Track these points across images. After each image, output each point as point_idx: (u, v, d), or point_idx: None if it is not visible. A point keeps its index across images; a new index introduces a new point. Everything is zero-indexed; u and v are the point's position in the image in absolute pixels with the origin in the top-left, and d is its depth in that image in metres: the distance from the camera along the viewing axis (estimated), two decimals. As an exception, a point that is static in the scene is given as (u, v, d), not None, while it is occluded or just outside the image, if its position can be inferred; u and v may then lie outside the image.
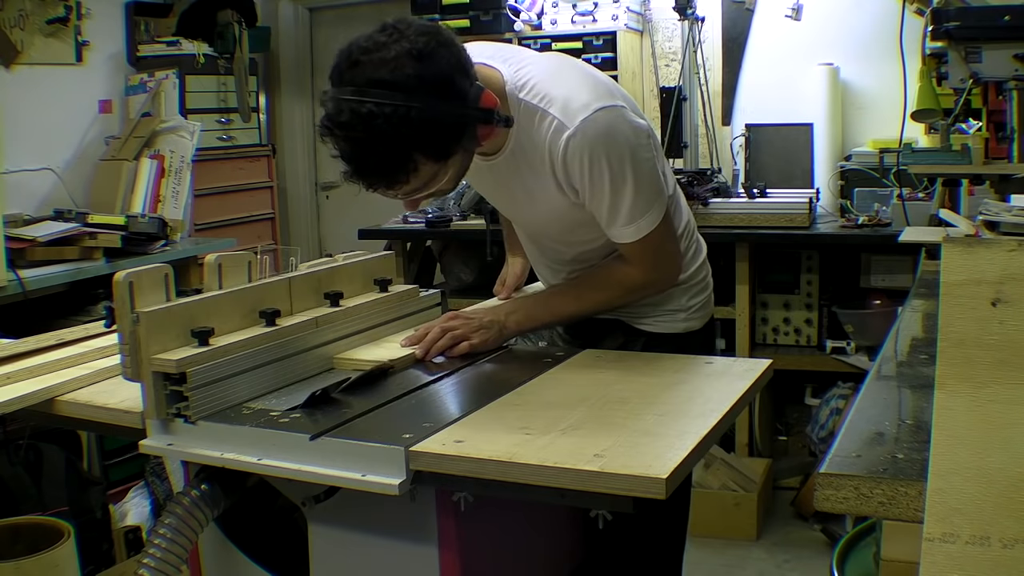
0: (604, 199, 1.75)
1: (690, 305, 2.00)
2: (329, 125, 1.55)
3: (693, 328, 2.01)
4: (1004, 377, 1.01)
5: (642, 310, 1.99)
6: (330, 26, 5.62)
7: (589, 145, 1.69)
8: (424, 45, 1.55)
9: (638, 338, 2.00)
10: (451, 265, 4.27)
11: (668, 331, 1.99)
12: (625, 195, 1.74)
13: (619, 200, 1.74)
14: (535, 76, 1.75)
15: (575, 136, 1.68)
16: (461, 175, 1.72)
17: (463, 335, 1.85)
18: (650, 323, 1.99)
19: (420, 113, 1.52)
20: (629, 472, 1.25)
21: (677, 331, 1.99)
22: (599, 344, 1.99)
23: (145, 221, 3.74)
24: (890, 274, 3.69)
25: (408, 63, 1.53)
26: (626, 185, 1.73)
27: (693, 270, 2.01)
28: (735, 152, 4.21)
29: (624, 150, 1.72)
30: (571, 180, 1.75)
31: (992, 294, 1.03)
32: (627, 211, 1.76)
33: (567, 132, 1.69)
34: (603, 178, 1.72)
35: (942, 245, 1.10)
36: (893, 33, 3.00)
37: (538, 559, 1.76)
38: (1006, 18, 2.39)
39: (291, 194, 5.66)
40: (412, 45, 1.55)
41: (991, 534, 0.96)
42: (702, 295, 2.03)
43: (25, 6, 4.06)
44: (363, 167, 1.58)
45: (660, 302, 1.98)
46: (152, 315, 1.52)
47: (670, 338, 1.99)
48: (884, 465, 1.11)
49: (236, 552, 1.69)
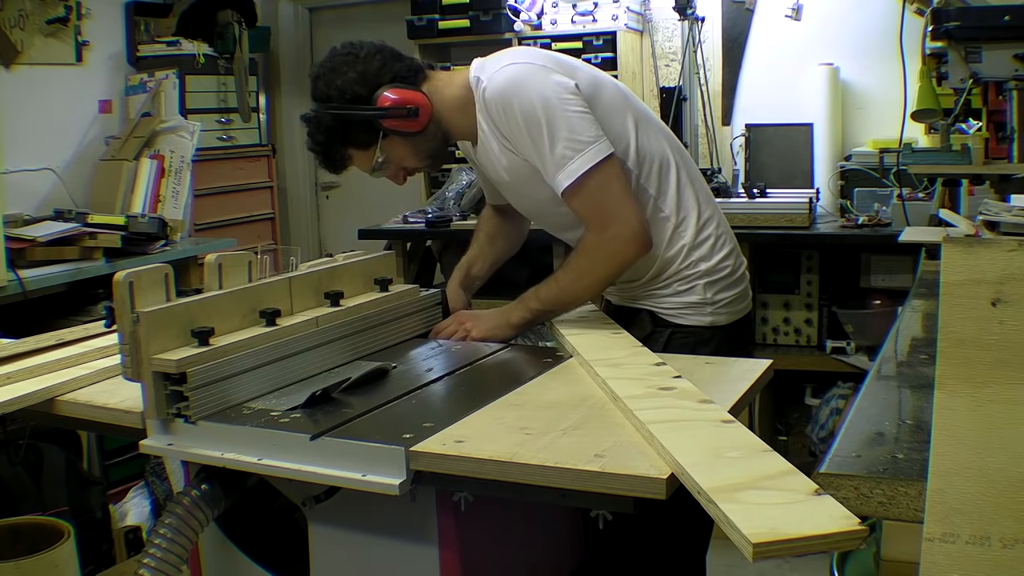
0: (528, 146, 1.88)
1: (716, 300, 2.02)
2: None
3: (719, 323, 2.03)
4: (1004, 377, 1.01)
5: (665, 300, 2.02)
6: (330, 26, 5.62)
7: (499, 93, 1.88)
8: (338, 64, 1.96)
9: (664, 328, 2.03)
10: (451, 265, 4.25)
11: (694, 324, 2.02)
12: (544, 140, 1.85)
13: (541, 146, 1.86)
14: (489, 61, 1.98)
15: (488, 87, 1.91)
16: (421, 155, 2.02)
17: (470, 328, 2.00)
18: (676, 314, 2.03)
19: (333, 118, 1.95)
20: (629, 472, 1.25)
21: (703, 324, 2.02)
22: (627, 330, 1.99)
23: (145, 221, 3.74)
24: (890, 274, 3.68)
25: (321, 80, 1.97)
26: (542, 129, 1.84)
27: (718, 260, 2.03)
28: (735, 152, 4.21)
29: (533, 96, 1.85)
30: (503, 132, 1.91)
31: (992, 294, 1.03)
32: (553, 158, 1.85)
33: (482, 86, 1.92)
34: (519, 123, 1.86)
35: (942, 245, 1.10)
36: (893, 33, 3.00)
37: (538, 559, 1.75)
38: (1006, 18, 2.39)
39: (291, 194, 5.67)
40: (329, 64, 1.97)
41: (991, 534, 0.96)
42: (731, 291, 2.05)
43: (25, 6, 4.06)
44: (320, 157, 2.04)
45: (681, 292, 2.01)
46: (152, 315, 1.52)
47: (696, 331, 2.02)
48: (884, 465, 1.11)
49: (236, 552, 1.69)
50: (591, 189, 1.85)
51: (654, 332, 2.03)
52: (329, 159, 2.02)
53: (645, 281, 2.05)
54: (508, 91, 1.87)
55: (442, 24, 4.56)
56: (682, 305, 2.02)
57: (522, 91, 1.86)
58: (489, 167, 2.04)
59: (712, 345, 2.00)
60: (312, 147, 2.02)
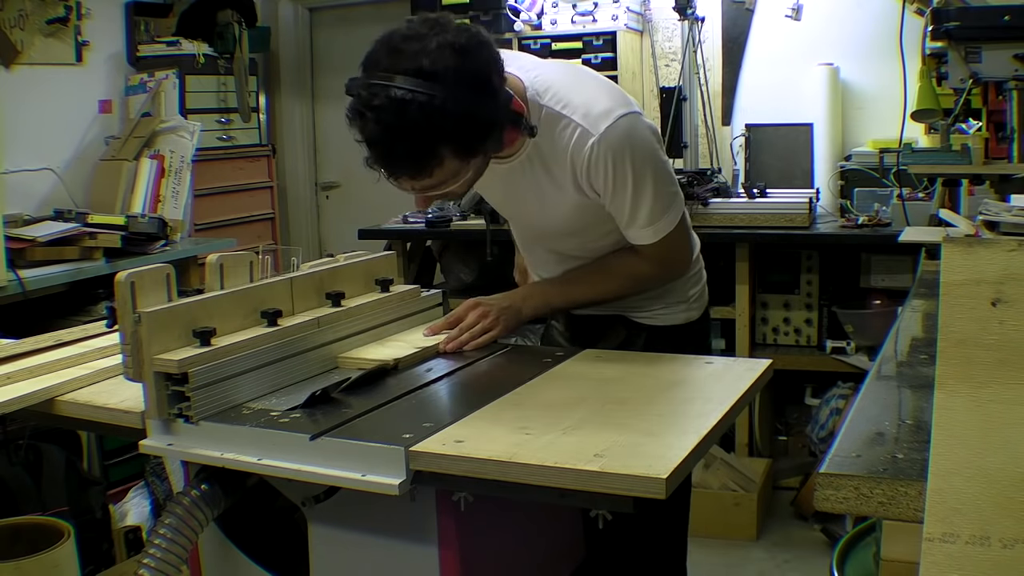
0: (626, 202, 1.80)
1: (690, 295, 2.05)
2: (360, 108, 1.54)
3: (692, 318, 2.05)
4: (1004, 377, 1.01)
5: (645, 303, 2.02)
6: (330, 26, 5.62)
7: (613, 151, 1.73)
8: (466, 41, 1.57)
9: (640, 332, 2.03)
10: (451, 265, 4.27)
11: (669, 323, 2.03)
12: (645, 198, 1.79)
13: (640, 203, 1.80)
14: (554, 83, 1.78)
15: (600, 143, 1.73)
16: (476, 179, 1.73)
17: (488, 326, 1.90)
18: (651, 316, 2.03)
19: (455, 106, 1.53)
20: (629, 472, 1.25)
21: (678, 323, 2.03)
22: (601, 340, 2.02)
23: (145, 221, 3.74)
24: (890, 274, 3.68)
25: (449, 55, 1.54)
26: (647, 188, 1.78)
27: (695, 269, 2.06)
28: (735, 152, 4.21)
29: (646, 154, 1.77)
30: (594, 185, 1.79)
31: (992, 294, 1.03)
32: (647, 213, 1.82)
33: (592, 139, 1.73)
34: (626, 182, 1.77)
35: (942, 245, 1.10)
36: (893, 33, 3.00)
37: (538, 559, 1.76)
38: (1006, 18, 2.39)
39: (291, 194, 5.67)
40: (455, 39, 1.56)
41: (991, 534, 0.96)
42: (698, 285, 2.08)
43: (25, 6, 4.06)
44: (390, 154, 1.58)
45: (663, 295, 2.01)
46: (154, 315, 1.52)
47: (671, 330, 2.02)
48: (884, 465, 1.11)
49: (236, 552, 1.69)
50: (669, 239, 1.87)
51: (629, 336, 2.04)
52: (411, 158, 1.58)
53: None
54: (624, 150, 1.73)
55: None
56: (660, 306, 2.02)
57: (636, 151, 1.74)
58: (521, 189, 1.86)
59: (693, 340, 2.03)
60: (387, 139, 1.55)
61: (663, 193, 1.82)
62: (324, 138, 5.72)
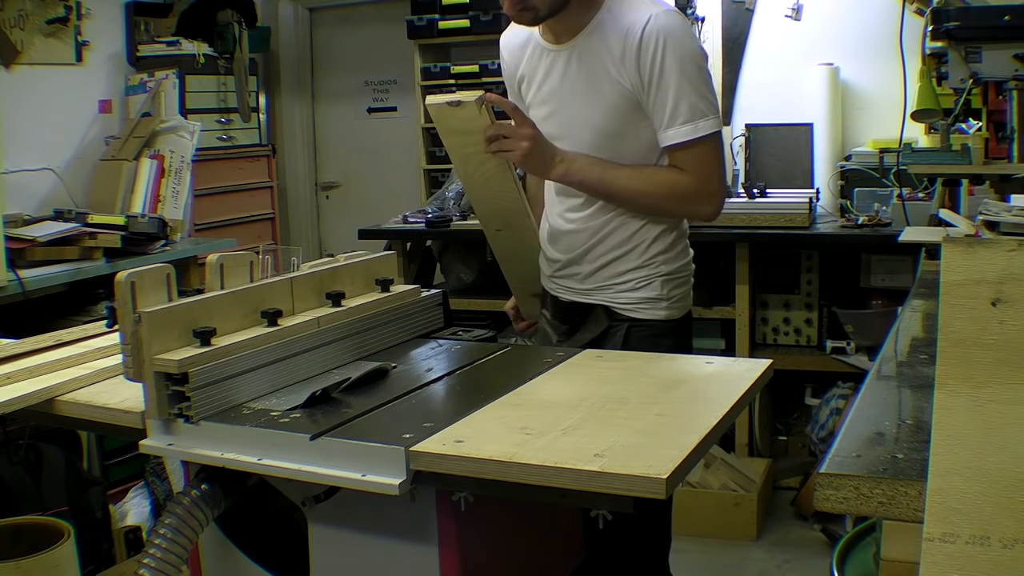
0: (669, 90, 1.88)
1: (671, 296, 2.09)
2: None
3: (673, 317, 2.09)
4: (1004, 377, 1.01)
5: (621, 295, 2.07)
6: (330, 26, 5.62)
7: (666, 32, 1.87)
8: None
9: (621, 323, 2.08)
10: (451, 265, 4.27)
11: (650, 318, 2.07)
12: (689, 89, 1.88)
13: (682, 94, 1.88)
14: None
15: (659, 17, 1.88)
16: None
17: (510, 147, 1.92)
18: (632, 308, 2.07)
19: None
20: (629, 472, 1.25)
21: (658, 318, 2.07)
22: (583, 326, 2.09)
23: (145, 221, 3.74)
24: (890, 274, 3.69)
25: None
26: (692, 81, 1.88)
27: (680, 264, 2.10)
28: (735, 152, 4.21)
29: (696, 49, 1.91)
30: (641, 66, 1.87)
31: (992, 294, 1.03)
32: (688, 108, 1.89)
33: (652, 12, 1.88)
34: (673, 66, 1.87)
35: (942, 245, 1.10)
36: (893, 33, 3.01)
37: (538, 559, 1.76)
38: (1006, 18, 2.39)
39: (291, 194, 5.67)
40: None
41: (991, 534, 0.96)
42: (683, 287, 2.12)
43: (25, 6, 4.06)
44: None
45: (639, 288, 2.06)
46: (154, 315, 1.52)
47: (651, 325, 2.07)
48: (884, 465, 1.11)
49: (236, 552, 1.69)
50: (707, 147, 1.93)
51: (611, 327, 2.08)
52: None
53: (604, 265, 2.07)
54: (676, 32, 1.88)
55: (442, 24, 4.56)
56: (638, 300, 2.07)
57: (687, 40, 1.90)
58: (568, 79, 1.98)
59: (673, 338, 2.07)
60: None
61: (707, 94, 1.90)
62: (324, 138, 5.72)
